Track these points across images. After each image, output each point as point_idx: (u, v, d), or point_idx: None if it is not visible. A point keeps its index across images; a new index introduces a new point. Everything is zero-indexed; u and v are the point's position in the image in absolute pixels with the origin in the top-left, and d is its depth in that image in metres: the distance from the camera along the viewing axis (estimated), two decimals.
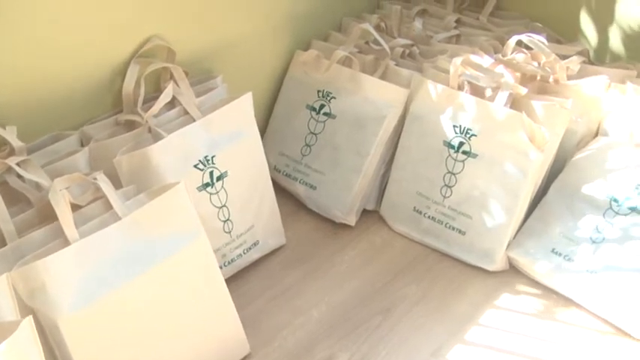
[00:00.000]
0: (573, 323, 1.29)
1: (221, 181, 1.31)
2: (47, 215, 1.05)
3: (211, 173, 1.29)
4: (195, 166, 1.27)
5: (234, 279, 1.37)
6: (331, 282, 1.39)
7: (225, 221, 1.33)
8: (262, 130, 1.60)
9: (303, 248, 1.48)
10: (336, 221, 1.52)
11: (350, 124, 1.51)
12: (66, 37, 1.21)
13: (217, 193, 1.30)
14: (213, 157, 1.28)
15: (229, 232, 1.34)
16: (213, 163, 1.29)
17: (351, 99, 1.51)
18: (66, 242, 1.00)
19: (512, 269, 1.40)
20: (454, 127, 1.41)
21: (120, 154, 1.18)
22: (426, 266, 1.43)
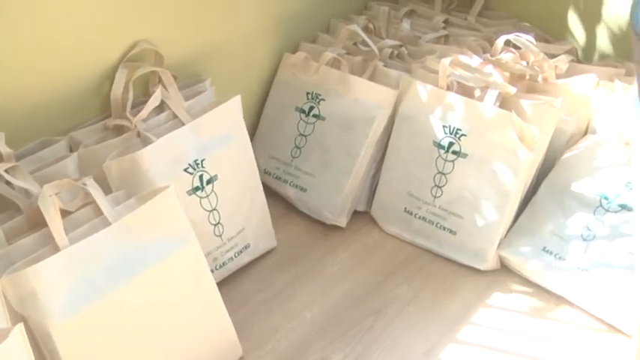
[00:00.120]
0: (565, 321, 1.29)
1: (211, 185, 1.30)
2: (37, 222, 1.05)
3: (201, 177, 1.29)
4: (184, 170, 1.26)
5: (226, 282, 1.36)
6: (323, 284, 1.39)
7: (216, 225, 1.33)
8: (252, 132, 1.59)
9: (294, 250, 1.48)
10: (327, 223, 1.52)
11: (339, 125, 1.51)
12: (53, 42, 1.21)
13: (207, 196, 1.30)
14: (202, 161, 1.28)
15: (220, 236, 1.34)
16: (203, 167, 1.28)
17: (341, 101, 1.51)
18: (56, 248, 0.99)
19: (504, 268, 1.40)
20: (444, 127, 1.41)
21: (109, 159, 1.18)
22: (418, 266, 1.43)
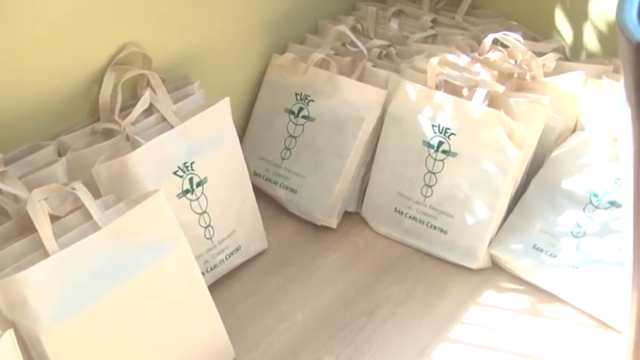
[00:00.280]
0: (557, 318, 1.30)
1: (201, 187, 1.30)
2: (26, 227, 1.04)
3: (191, 180, 1.28)
4: (174, 173, 1.26)
5: (217, 285, 1.36)
6: (314, 285, 1.39)
7: (207, 227, 1.32)
8: (241, 134, 1.59)
9: (285, 252, 1.48)
10: (318, 224, 1.52)
11: (329, 126, 1.50)
12: (40, 46, 1.20)
13: (197, 199, 1.30)
14: (192, 164, 1.28)
15: (211, 238, 1.34)
16: (193, 170, 1.28)
17: (330, 101, 1.51)
18: (45, 254, 0.99)
19: (495, 266, 1.41)
20: (433, 126, 1.41)
21: (98, 163, 1.17)
22: (409, 266, 1.43)
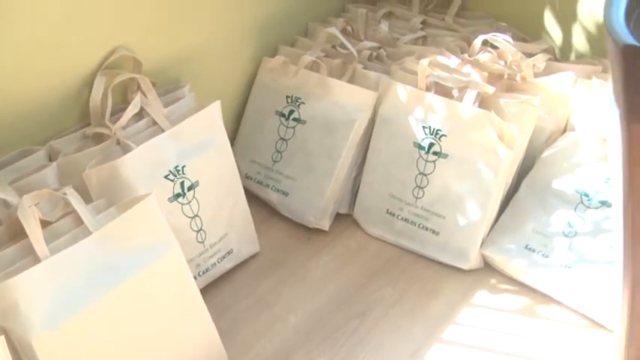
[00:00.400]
0: (550, 318, 1.30)
1: (192, 191, 1.30)
2: (17, 233, 1.04)
3: (182, 183, 1.28)
4: (165, 177, 1.26)
5: (210, 289, 1.36)
6: (307, 288, 1.39)
7: (198, 231, 1.32)
8: (232, 137, 1.59)
9: (277, 255, 1.48)
10: (310, 226, 1.52)
11: (320, 128, 1.50)
12: (30, 49, 1.20)
13: (189, 203, 1.29)
14: (183, 167, 1.28)
15: (202, 242, 1.33)
16: (184, 173, 1.28)
17: (320, 104, 1.51)
18: (37, 259, 0.99)
19: (487, 267, 1.41)
20: (424, 128, 1.41)
21: (89, 167, 1.17)
22: (401, 268, 1.43)
